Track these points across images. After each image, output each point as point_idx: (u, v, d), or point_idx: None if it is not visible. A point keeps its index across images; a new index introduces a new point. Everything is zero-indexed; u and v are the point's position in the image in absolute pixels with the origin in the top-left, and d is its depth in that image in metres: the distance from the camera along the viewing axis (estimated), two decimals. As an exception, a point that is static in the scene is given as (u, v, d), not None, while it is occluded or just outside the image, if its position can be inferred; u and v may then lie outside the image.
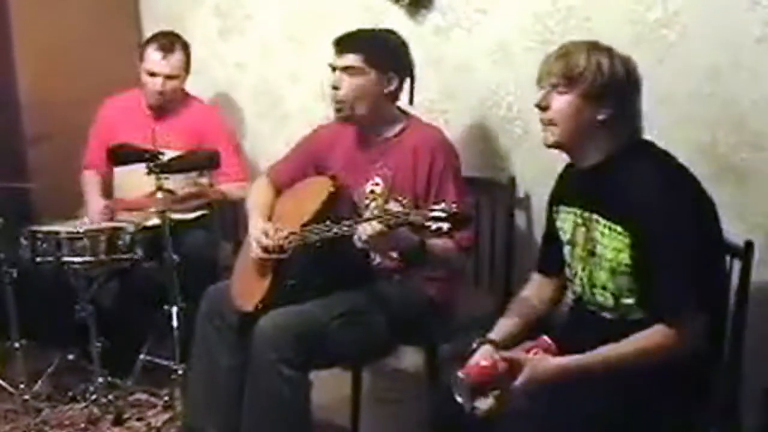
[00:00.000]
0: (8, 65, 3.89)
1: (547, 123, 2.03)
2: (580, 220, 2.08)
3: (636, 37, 2.65)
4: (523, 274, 2.84)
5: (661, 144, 2.05)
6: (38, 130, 3.88)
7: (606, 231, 1.99)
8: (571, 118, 1.99)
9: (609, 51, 2.00)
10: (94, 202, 3.50)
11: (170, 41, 3.48)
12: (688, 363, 1.91)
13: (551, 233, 2.24)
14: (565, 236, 2.15)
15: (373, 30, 2.76)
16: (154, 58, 3.45)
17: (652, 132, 2.07)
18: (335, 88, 2.65)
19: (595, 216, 2.03)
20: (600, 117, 1.98)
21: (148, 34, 4.24)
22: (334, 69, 2.67)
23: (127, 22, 4.17)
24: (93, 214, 3.38)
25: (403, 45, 2.73)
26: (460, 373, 1.91)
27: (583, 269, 2.08)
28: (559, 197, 2.21)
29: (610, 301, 2.03)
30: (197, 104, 3.68)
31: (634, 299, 1.99)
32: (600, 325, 2.06)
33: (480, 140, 3.09)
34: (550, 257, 2.27)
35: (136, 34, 4.23)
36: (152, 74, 3.46)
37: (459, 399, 1.91)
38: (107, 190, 3.60)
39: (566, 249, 2.15)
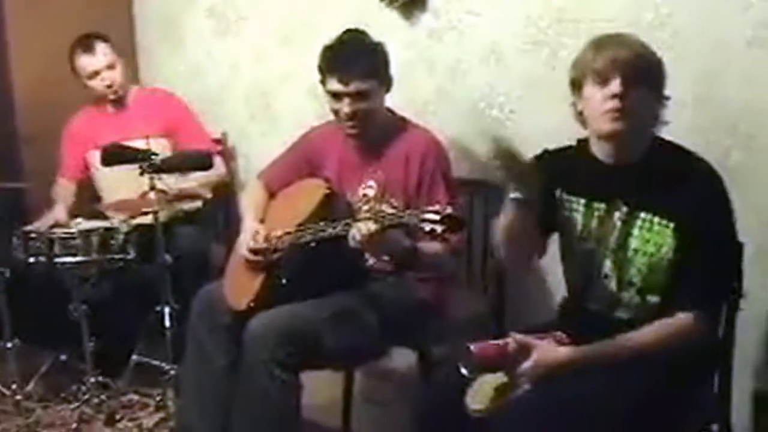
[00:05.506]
0: (4, 66, 3.90)
1: (619, 111, 1.92)
2: (604, 215, 2.04)
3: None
4: (516, 275, 2.86)
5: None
6: (32, 131, 3.89)
7: (647, 225, 1.97)
8: (643, 111, 1.96)
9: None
10: (59, 212, 3.50)
11: (87, 39, 3.54)
12: (695, 355, 1.94)
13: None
14: (576, 229, 2.09)
15: (359, 43, 2.63)
16: (84, 61, 3.52)
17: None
18: (352, 115, 2.57)
19: (636, 211, 2.00)
20: (658, 111, 1.99)
21: (141, 36, 4.27)
22: (337, 95, 2.58)
23: (120, 24, 4.18)
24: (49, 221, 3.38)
25: (381, 45, 2.66)
26: (470, 346, 1.91)
27: (613, 265, 2.04)
28: (564, 184, 2.13)
29: (636, 299, 2.02)
30: (147, 91, 3.76)
31: (660, 297, 1.98)
32: (610, 326, 2.01)
33: (473, 141, 3.09)
34: None
35: (129, 36, 4.24)
36: (93, 75, 3.52)
37: (463, 371, 1.92)
38: (83, 196, 3.62)
39: (579, 245, 2.10)
